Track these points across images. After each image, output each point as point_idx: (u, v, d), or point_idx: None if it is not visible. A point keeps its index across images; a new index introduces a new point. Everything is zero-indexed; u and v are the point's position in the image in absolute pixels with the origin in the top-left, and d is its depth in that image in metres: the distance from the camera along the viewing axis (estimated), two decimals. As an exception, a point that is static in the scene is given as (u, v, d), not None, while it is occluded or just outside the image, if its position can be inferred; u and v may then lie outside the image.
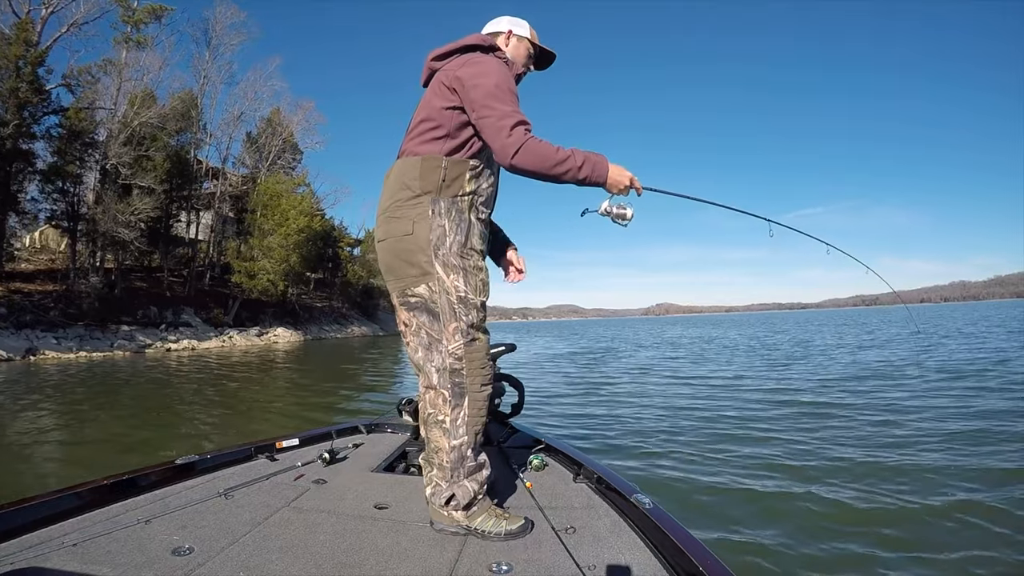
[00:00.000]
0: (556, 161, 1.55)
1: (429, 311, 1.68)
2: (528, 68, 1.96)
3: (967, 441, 4.68)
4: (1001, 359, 10.70)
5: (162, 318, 27.23)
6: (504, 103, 1.59)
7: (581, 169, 1.59)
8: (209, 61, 33.29)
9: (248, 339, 30.06)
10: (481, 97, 1.61)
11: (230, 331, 29.94)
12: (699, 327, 48.51)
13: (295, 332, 34.13)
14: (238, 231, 35.29)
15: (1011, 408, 5.93)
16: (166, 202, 28.26)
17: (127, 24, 26.83)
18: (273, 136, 36.12)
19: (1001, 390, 7.15)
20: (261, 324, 32.73)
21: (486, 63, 1.69)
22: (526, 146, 1.53)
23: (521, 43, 1.93)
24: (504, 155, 1.55)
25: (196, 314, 29.51)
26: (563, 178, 1.60)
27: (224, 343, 28.14)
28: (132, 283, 28.33)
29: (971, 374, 8.76)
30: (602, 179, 1.64)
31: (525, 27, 1.94)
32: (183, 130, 30.48)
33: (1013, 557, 2.67)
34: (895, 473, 3.92)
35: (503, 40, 1.91)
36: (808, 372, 10.31)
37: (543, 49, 1.98)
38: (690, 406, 7.04)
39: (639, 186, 1.73)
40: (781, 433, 5.28)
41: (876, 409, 6.28)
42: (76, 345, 21.73)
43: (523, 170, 1.57)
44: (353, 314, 45.02)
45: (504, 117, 1.56)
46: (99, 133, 25.41)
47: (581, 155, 1.60)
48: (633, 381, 10.14)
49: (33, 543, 1.45)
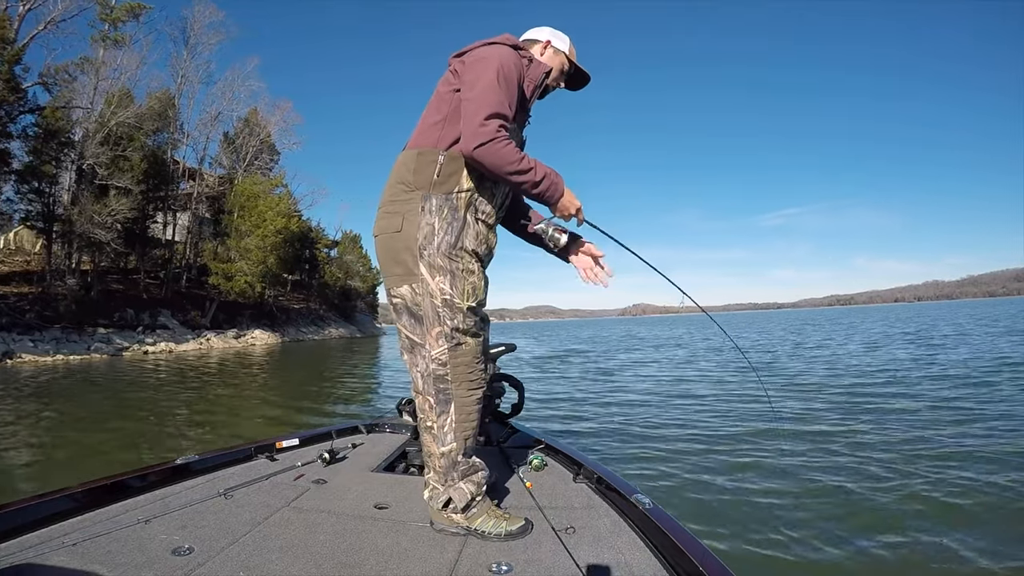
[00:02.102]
0: (517, 169, 1.56)
1: (411, 313, 1.69)
2: (559, 84, 1.95)
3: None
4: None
5: (139, 320, 27.59)
6: (491, 90, 1.57)
7: (539, 184, 1.62)
8: (187, 60, 33.78)
9: (226, 341, 30.52)
10: (473, 78, 1.61)
11: (207, 333, 30.35)
12: (677, 328, 49.20)
13: (272, 334, 34.70)
14: (215, 232, 35.56)
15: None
16: (143, 203, 28.49)
17: (105, 22, 27.02)
18: (250, 136, 36.71)
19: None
20: (238, 326, 33.20)
21: (496, 50, 1.67)
22: (492, 143, 1.52)
23: (557, 56, 1.91)
24: (468, 142, 1.53)
25: (173, 316, 29.92)
26: (517, 186, 1.63)
27: (202, 345, 28.53)
28: (108, 285, 28.63)
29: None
30: (554, 199, 1.68)
31: (566, 42, 1.92)
32: (160, 130, 30.82)
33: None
34: (915, 472, 4.08)
35: (539, 48, 1.89)
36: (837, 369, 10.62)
37: (578, 68, 1.96)
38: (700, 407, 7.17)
39: (582, 217, 1.78)
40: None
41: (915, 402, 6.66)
42: (53, 348, 21.91)
43: (480, 163, 1.56)
44: (331, 316, 45.62)
45: (484, 105, 1.54)
46: (75, 132, 25.76)
47: (543, 170, 1.63)
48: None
49: (33, 543, 1.48)
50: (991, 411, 6.13)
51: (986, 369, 9.61)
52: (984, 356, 11.68)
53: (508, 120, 1.58)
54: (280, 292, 39.30)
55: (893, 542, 2.96)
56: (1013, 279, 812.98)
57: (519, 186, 1.62)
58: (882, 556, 2.83)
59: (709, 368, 12.24)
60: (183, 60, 33.68)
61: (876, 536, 3.04)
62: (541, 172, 1.61)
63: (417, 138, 1.71)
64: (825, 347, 17.16)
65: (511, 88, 1.62)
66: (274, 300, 37.71)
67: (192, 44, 33.88)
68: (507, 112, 1.58)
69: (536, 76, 1.76)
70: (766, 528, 3.18)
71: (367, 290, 53.25)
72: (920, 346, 15.31)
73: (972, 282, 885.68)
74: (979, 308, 75.60)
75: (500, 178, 1.61)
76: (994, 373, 9.06)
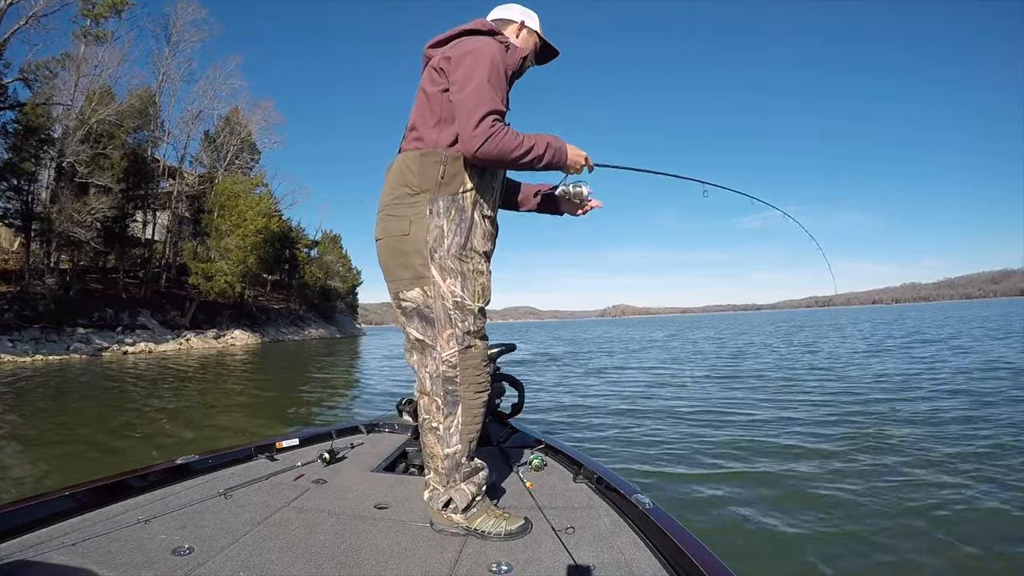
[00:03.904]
0: (521, 152, 1.60)
1: (423, 316, 1.71)
2: (531, 62, 1.97)
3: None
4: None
5: (118, 320, 27.92)
6: (483, 88, 1.59)
7: (544, 156, 1.67)
8: (169, 58, 34.27)
9: (205, 341, 30.90)
10: (463, 78, 1.62)
11: (187, 333, 30.70)
12: (663, 329, 49.26)
13: (252, 334, 35.19)
14: (195, 232, 35.84)
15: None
16: (123, 201, 28.79)
17: (87, 18, 27.28)
18: (231, 135, 37.24)
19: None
20: (218, 326, 33.64)
21: (480, 43, 1.69)
22: (492, 138, 1.55)
23: (531, 36, 1.93)
24: (469, 146, 1.57)
25: (152, 316, 30.28)
26: (528, 166, 1.67)
27: (181, 346, 28.87)
28: (87, 284, 28.91)
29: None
30: (563, 162, 1.75)
31: (535, 20, 1.95)
32: (140, 128, 31.30)
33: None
34: (909, 474, 4.12)
35: (514, 30, 1.91)
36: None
37: (547, 44, 1.99)
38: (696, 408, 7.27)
39: (591, 163, 1.87)
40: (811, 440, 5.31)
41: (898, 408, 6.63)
42: (32, 348, 22.10)
43: (487, 160, 1.61)
44: (311, 316, 46.18)
45: (478, 105, 1.57)
46: (55, 129, 26.10)
47: (543, 141, 1.67)
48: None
49: (33, 543, 1.49)
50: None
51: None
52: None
53: (502, 114, 1.62)
54: (260, 292, 39.68)
55: (898, 547, 2.98)
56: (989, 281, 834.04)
57: (529, 166, 1.67)
58: (881, 557, 2.87)
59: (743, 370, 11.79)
60: (165, 58, 34.19)
61: (875, 536, 3.10)
62: (543, 144, 1.67)
63: (415, 140, 1.73)
64: (823, 349, 16.75)
65: (501, 82, 1.66)
66: (254, 300, 38.17)
67: (174, 41, 34.44)
68: (501, 107, 1.61)
69: (514, 63, 1.79)
70: (767, 528, 3.23)
71: (347, 290, 53.74)
72: (944, 349, 14.53)
73: (949, 284, 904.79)
74: (960, 310, 76.21)
75: (508, 167, 1.69)
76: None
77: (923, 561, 2.84)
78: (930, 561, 2.84)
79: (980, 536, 3.09)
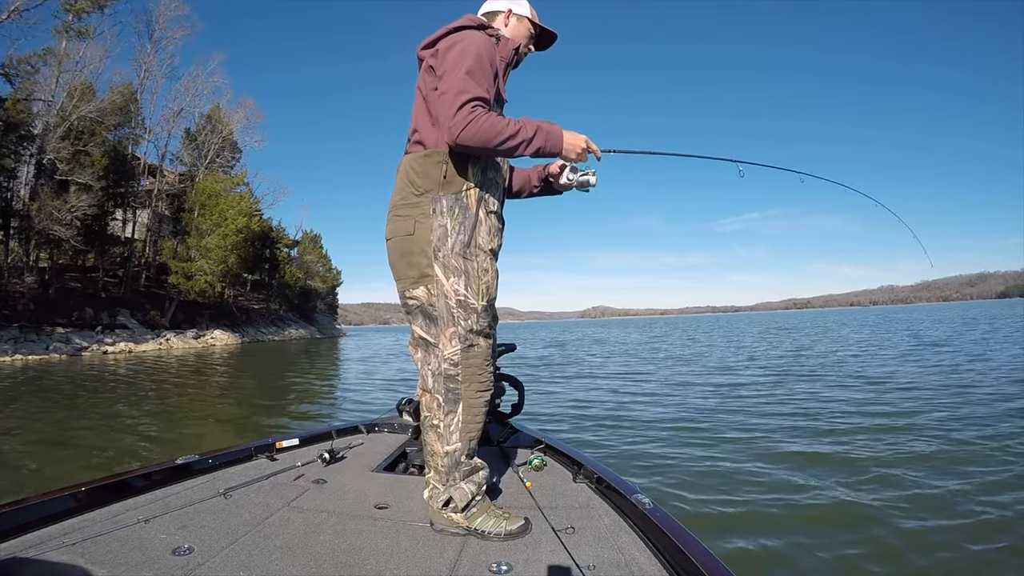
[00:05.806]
0: (505, 136, 1.59)
1: (426, 314, 1.75)
2: (529, 49, 1.99)
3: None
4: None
5: (98, 320, 28.20)
6: (464, 78, 1.60)
7: (532, 141, 1.66)
8: (151, 54, 34.60)
9: (185, 341, 31.23)
10: (448, 69, 1.64)
11: (167, 333, 31.03)
12: (648, 329, 49.39)
13: (232, 334, 35.58)
14: (175, 230, 36.14)
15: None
16: (103, 199, 29.05)
17: (69, 12, 27.40)
18: (212, 134, 37.72)
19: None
20: (198, 326, 34.00)
21: (468, 36, 1.71)
22: (472, 123, 1.55)
23: (521, 23, 1.95)
24: (450, 134, 1.58)
25: (132, 316, 30.59)
26: (515, 152, 1.66)
27: (161, 345, 29.19)
28: (67, 283, 29.11)
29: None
30: (557, 148, 1.73)
31: (525, 6, 1.96)
32: (121, 125, 31.50)
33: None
34: (908, 476, 4.12)
35: (502, 19, 1.93)
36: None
37: (544, 29, 2.01)
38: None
39: (596, 149, 1.83)
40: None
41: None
42: (11, 348, 22.33)
43: (469, 148, 1.61)
44: (291, 316, 46.69)
45: (459, 93, 1.58)
46: (36, 126, 26.31)
47: (532, 126, 1.66)
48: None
49: (33, 543, 1.51)
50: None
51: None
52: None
53: (485, 101, 1.62)
54: (240, 292, 40.09)
55: (896, 546, 3.00)
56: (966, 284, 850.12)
57: (516, 152, 1.66)
58: (882, 557, 2.89)
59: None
60: (147, 54, 34.48)
61: (877, 537, 3.11)
62: (531, 128, 1.66)
63: (417, 142, 1.77)
64: (826, 355, 16.26)
65: (486, 73, 1.66)
66: (234, 300, 38.60)
67: (156, 38, 34.77)
68: (482, 94, 1.61)
69: (506, 54, 1.81)
70: (766, 529, 3.26)
71: (327, 291, 54.01)
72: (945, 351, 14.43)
73: (926, 287, 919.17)
74: (940, 311, 76.37)
75: (494, 154, 1.67)
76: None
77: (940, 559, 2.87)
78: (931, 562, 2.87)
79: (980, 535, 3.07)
